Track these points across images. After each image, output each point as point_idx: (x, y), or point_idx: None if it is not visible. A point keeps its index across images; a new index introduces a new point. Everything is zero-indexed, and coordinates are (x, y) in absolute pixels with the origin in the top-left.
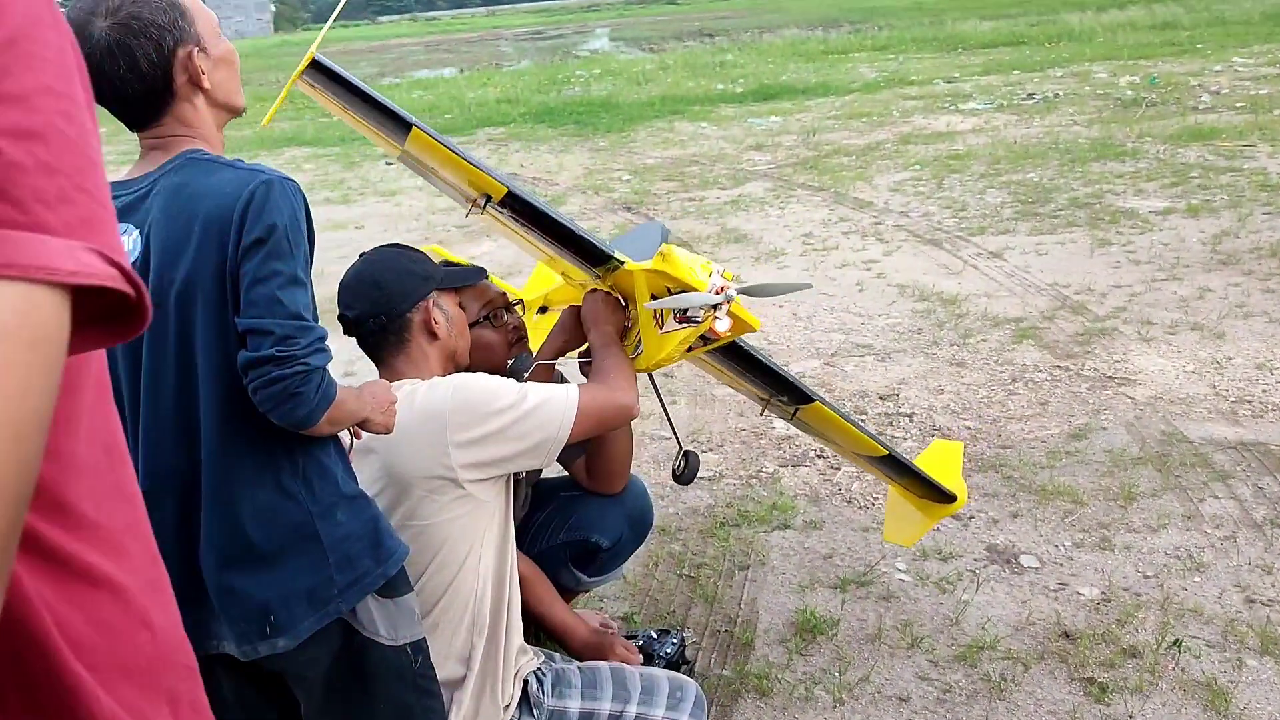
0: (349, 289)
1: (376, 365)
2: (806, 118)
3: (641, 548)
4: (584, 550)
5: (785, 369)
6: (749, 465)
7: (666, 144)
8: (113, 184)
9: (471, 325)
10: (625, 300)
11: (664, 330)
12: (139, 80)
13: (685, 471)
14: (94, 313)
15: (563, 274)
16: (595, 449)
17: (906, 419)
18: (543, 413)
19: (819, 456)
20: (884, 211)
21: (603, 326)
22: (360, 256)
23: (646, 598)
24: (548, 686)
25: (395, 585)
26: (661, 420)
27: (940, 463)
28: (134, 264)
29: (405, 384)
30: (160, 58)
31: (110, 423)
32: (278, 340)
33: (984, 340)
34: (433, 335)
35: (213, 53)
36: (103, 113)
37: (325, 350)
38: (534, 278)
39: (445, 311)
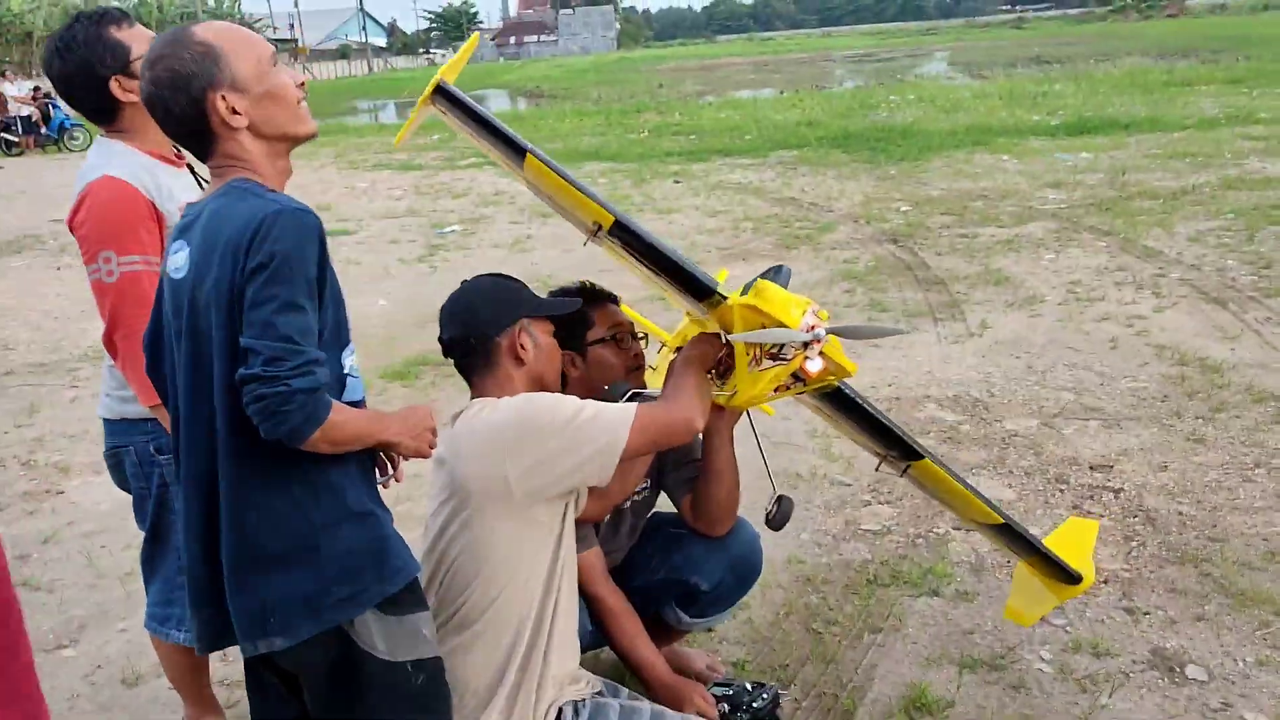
0: (446, 313)
1: (469, 386)
2: (1121, 155)
3: (780, 594)
4: (685, 590)
5: (891, 420)
6: (920, 524)
7: (958, 175)
8: (187, 205)
9: (595, 343)
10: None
11: (759, 368)
12: (178, 124)
13: (777, 516)
14: None
15: (686, 312)
16: (700, 487)
17: (1111, 494)
18: (596, 425)
19: None
20: (1172, 263)
21: (689, 353)
22: (461, 283)
23: (766, 646)
24: (583, 718)
25: (400, 602)
26: (828, 467)
27: (1071, 541)
28: (183, 278)
29: (478, 402)
30: (191, 104)
31: None
32: (266, 360)
33: (1236, 417)
34: (519, 360)
35: (253, 90)
36: None
37: (313, 373)
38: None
39: (534, 339)
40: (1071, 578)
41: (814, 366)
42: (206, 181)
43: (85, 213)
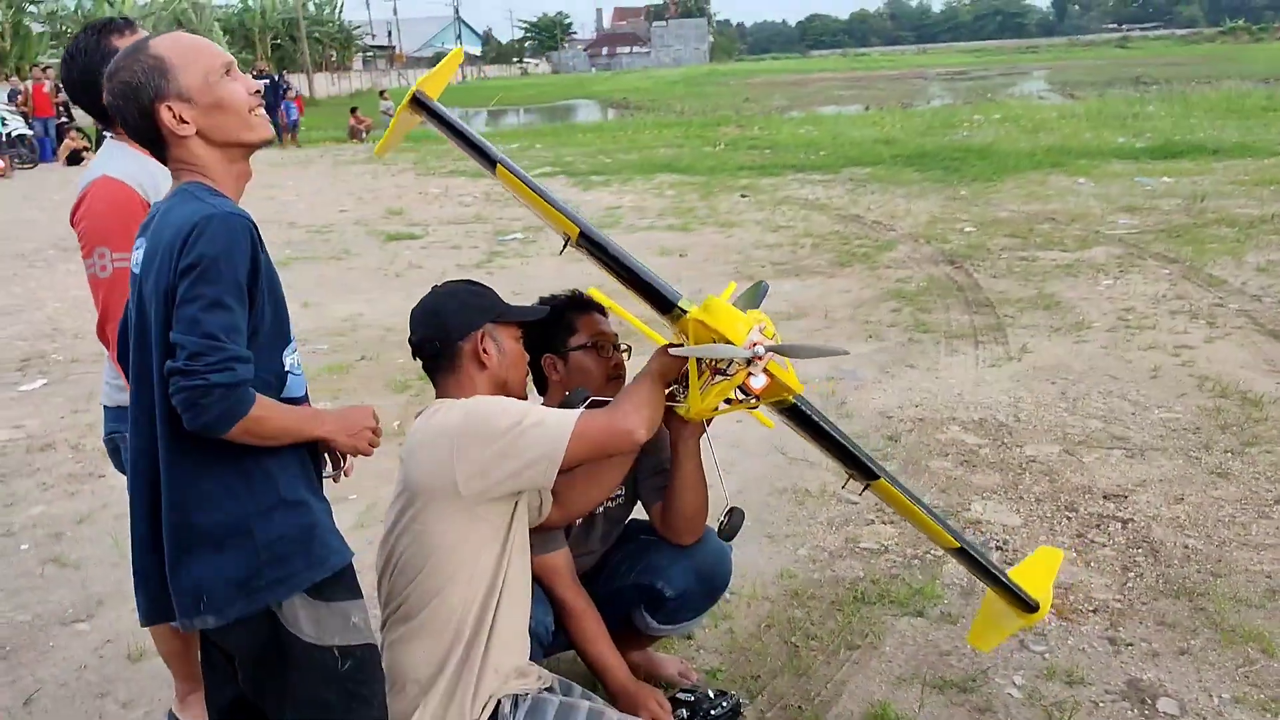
0: (414, 316)
1: (434, 387)
2: (1204, 181)
3: (766, 607)
4: (652, 595)
5: (849, 440)
6: (920, 545)
7: (1030, 197)
8: (153, 205)
9: (577, 349)
10: None
11: (710, 382)
12: (134, 132)
13: (726, 527)
14: None
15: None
16: (667, 497)
17: (1118, 524)
18: (540, 431)
19: (998, 548)
20: (1234, 293)
21: (649, 365)
22: (432, 289)
23: (742, 656)
24: (520, 713)
25: (328, 590)
26: (837, 485)
27: (1036, 569)
28: (137, 274)
29: (436, 403)
30: (142, 114)
31: None
32: (189, 355)
33: (1267, 452)
34: (481, 365)
35: (200, 101)
36: None
37: (232, 369)
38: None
39: (498, 343)
40: (1028, 606)
41: (757, 383)
42: None
43: (83, 211)
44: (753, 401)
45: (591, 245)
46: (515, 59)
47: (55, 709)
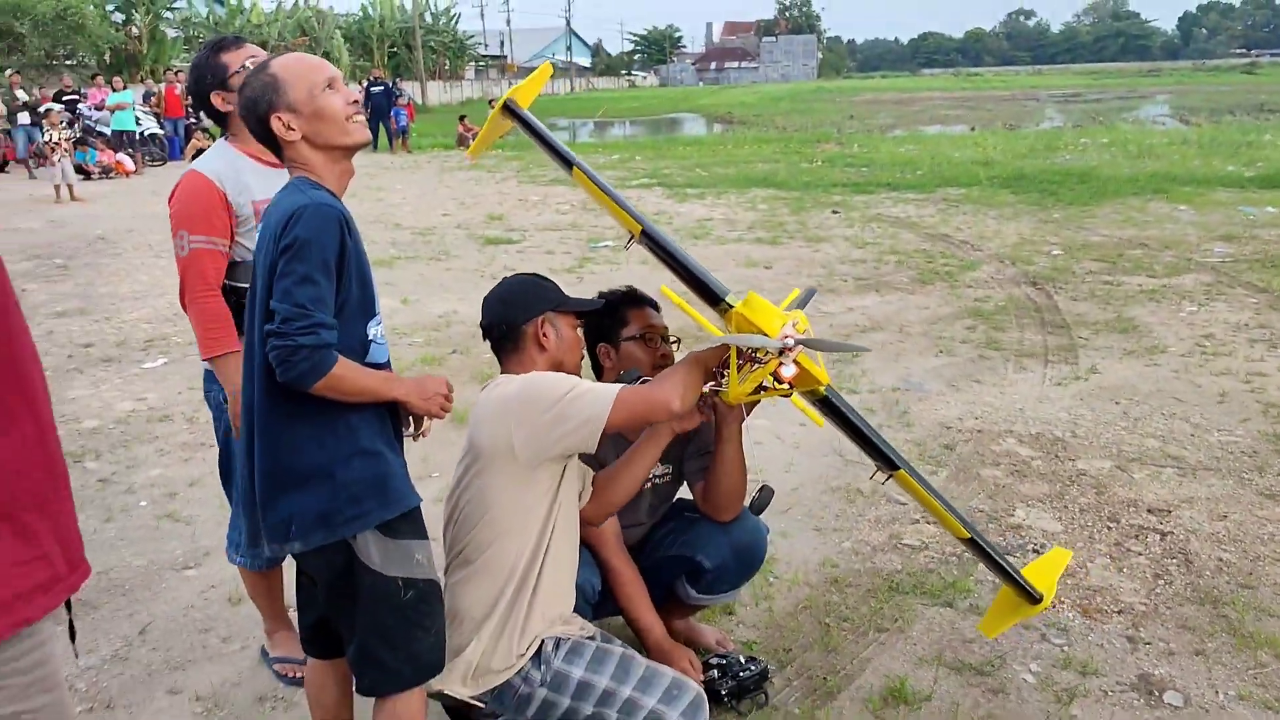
0: (486, 302)
1: (500, 365)
2: None
3: (805, 591)
4: (691, 566)
5: (874, 431)
6: (959, 544)
7: (1125, 223)
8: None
9: (627, 340)
10: None
11: (747, 370)
12: (256, 136)
13: (756, 502)
14: None
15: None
16: (708, 476)
17: (1157, 536)
18: (586, 399)
19: (1035, 551)
20: None
21: (695, 351)
22: (503, 279)
23: (777, 632)
24: (561, 653)
25: (397, 528)
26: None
27: (1045, 567)
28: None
29: (500, 378)
30: (260, 122)
31: None
32: (281, 320)
33: None
34: (541, 347)
35: (304, 111)
36: None
37: (317, 333)
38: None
39: (556, 329)
40: (1032, 597)
41: (787, 372)
42: None
43: (174, 199)
44: (785, 389)
45: (652, 243)
46: (623, 71)
47: (164, 640)
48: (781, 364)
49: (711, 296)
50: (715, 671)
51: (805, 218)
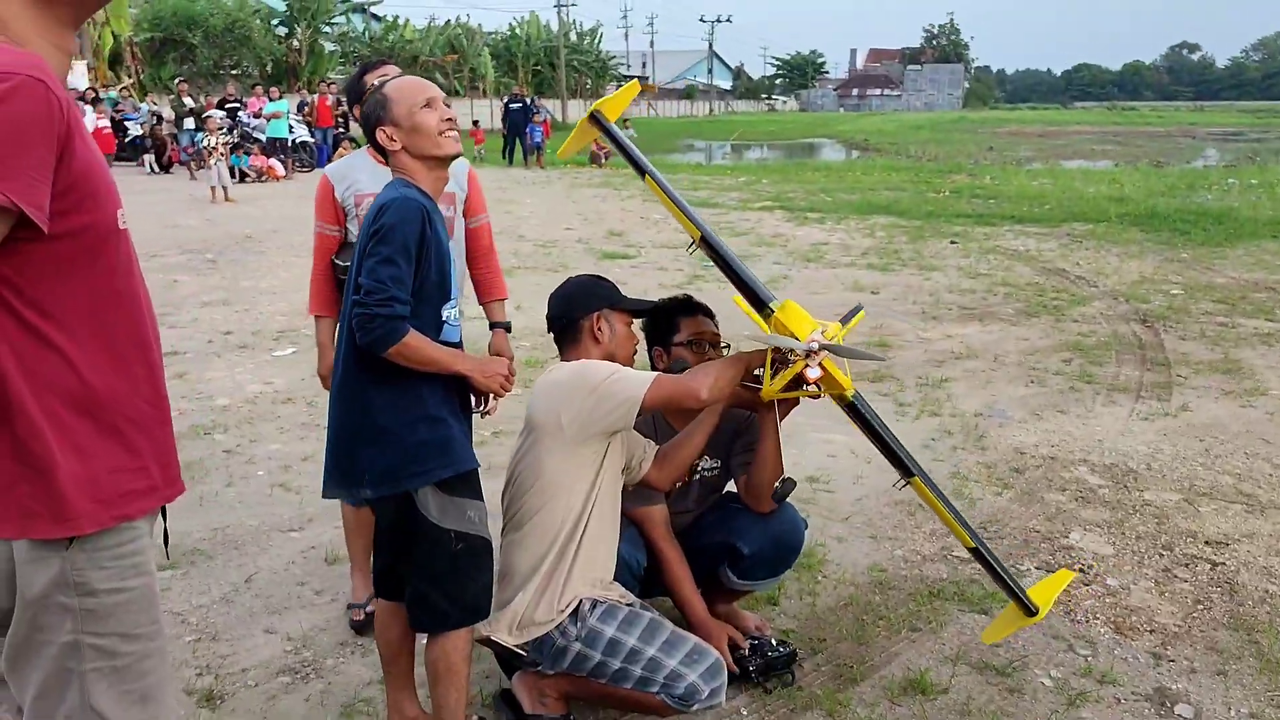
0: (550, 299)
1: (559, 354)
2: None
3: (849, 591)
4: (733, 552)
5: (895, 439)
6: (1010, 560)
7: (1256, 266)
8: None
9: (678, 345)
10: None
11: (782, 369)
12: (373, 146)
13: (779, 491)
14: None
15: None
16: (749, 470)
17: (1207, 566)
18: (625, 382)
19: (1081, 570)
20: None
21: (738, 352)
22: (567, 278)
23: (815, 624)
24: (597, 613)
25: (454, 487)
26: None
27: (1049, 585)
28: None
29: (555, 364)
30: (372, 133)
31: (110, 283)
32: (364, 292)
33: None
34: (596, 340)
35: (404, 125)
36: None
37: (391, 306)
38: None
39: (610, 325)
40: (1029, 610)
41: (812, 374)
42: None
43: None
44: (815, 390)
45: (709, 249)
46: (763, 95)
47: (266, 588)
48: (808, 366)
49: (758, 302)
50: (746, 649)
51: (921, 246)
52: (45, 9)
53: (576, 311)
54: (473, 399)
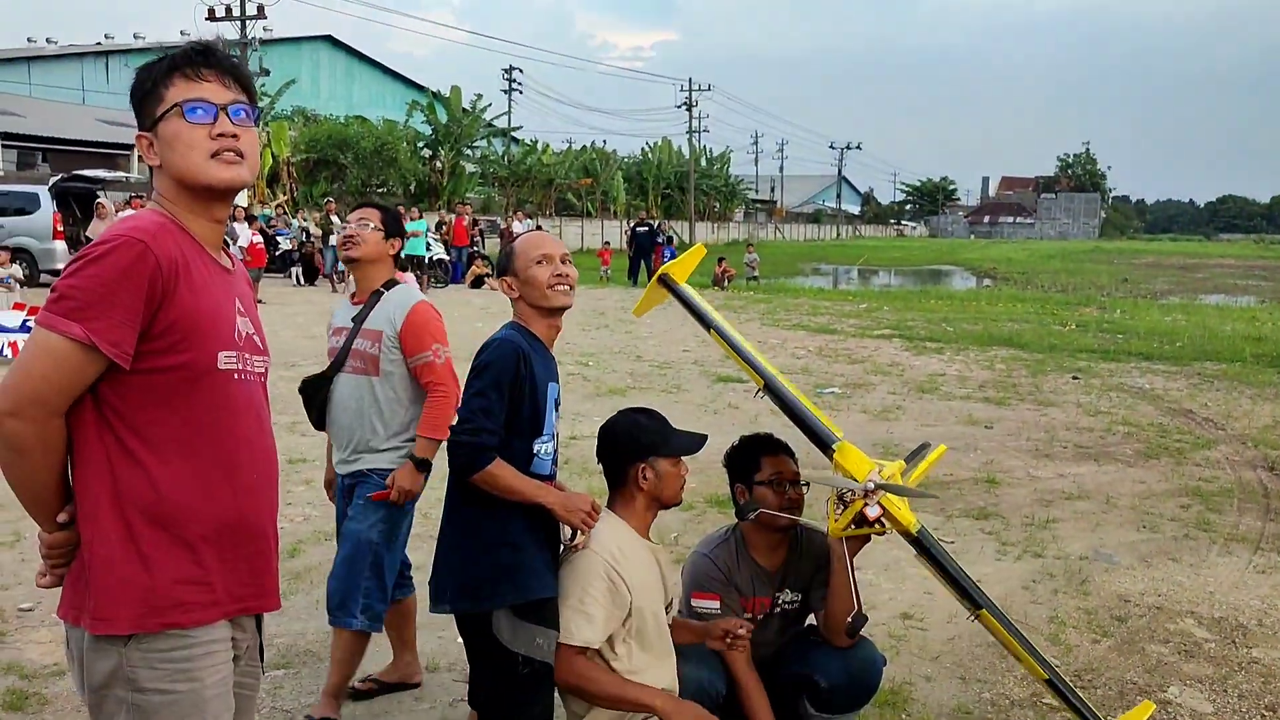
0: (600, 434)
1: (609, 493)
2: None
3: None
4: (811, 684)
5: (962, 573)
6: (1103, 709)
7: None
8: None
9: (759, 483)
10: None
11: (841, 509)
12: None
13: (850, 625)
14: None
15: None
16: (825, 603)
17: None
18: (570, 621)
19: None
20: None
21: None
22: (617, 413)
23: None
24: None
25: (527, 613)
26: (1050, 649)
27: (1130, 717)
28: None
29: (602, 517)
30: (501, 279)
31: (202, 414)
32: (457, 421)
33: None
34: (641, 488)
35: (521, 277)
36: None
37: (477, 436)
38: None
39: (656, 471)
40: None
41: (871, 512)
42: None
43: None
44: (879, 528)
45: (773, 395)
46: (893, 220)
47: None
48: (866, 505)
49: (821, 444)
50: None
51: (1041, 381)
52: (188, 194)
53: (621, 460)
54: (565, 531)
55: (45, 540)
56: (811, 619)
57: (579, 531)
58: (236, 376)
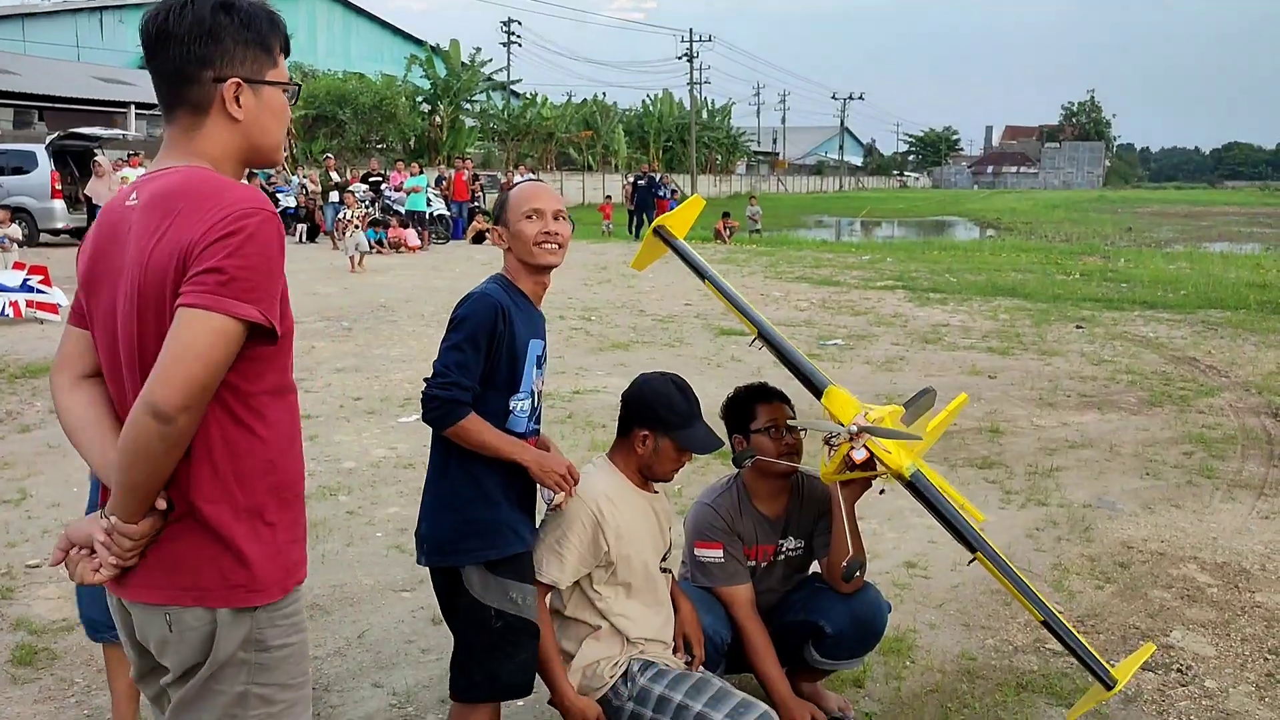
0: (630, 387)
1: (615, 438)
2: None
3: (936, 678)
4: (816, 631)
5: (956, 516)
6: (1109, 657)
7: None
8: None
9: (756, 431)
10: None
11: (831, 453)
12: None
13: (845, 569)
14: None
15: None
16: (828, 551)
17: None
18: (544, 560)
19: (1178, 671)
20: None
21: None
22: (661, 374)
23: (900, 709)
24: (648, 673)
25: (500, 568)
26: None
27: (1131, 661)
28: None
29: (589, 465)
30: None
31: (285, 381)
32: (431, 375)
33: None
34: (638, 451)
35: (510, 229)
36: None
37: (450, 390)
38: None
39: (657, 446)
40: (1106, 684)
41: (858, 455)
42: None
43: None
44: (871, 472)
45: (767, 342)
46: (895, 171)
47: (376, 645)
48: (853, 448)
49: (814, 389)
50: None
51: (1045, 330)
52: (239, 156)
53: (632, 417)
54: (545, 492)
55: (129, 530)
56: (815, 566)
57: (556, 493)
58: None
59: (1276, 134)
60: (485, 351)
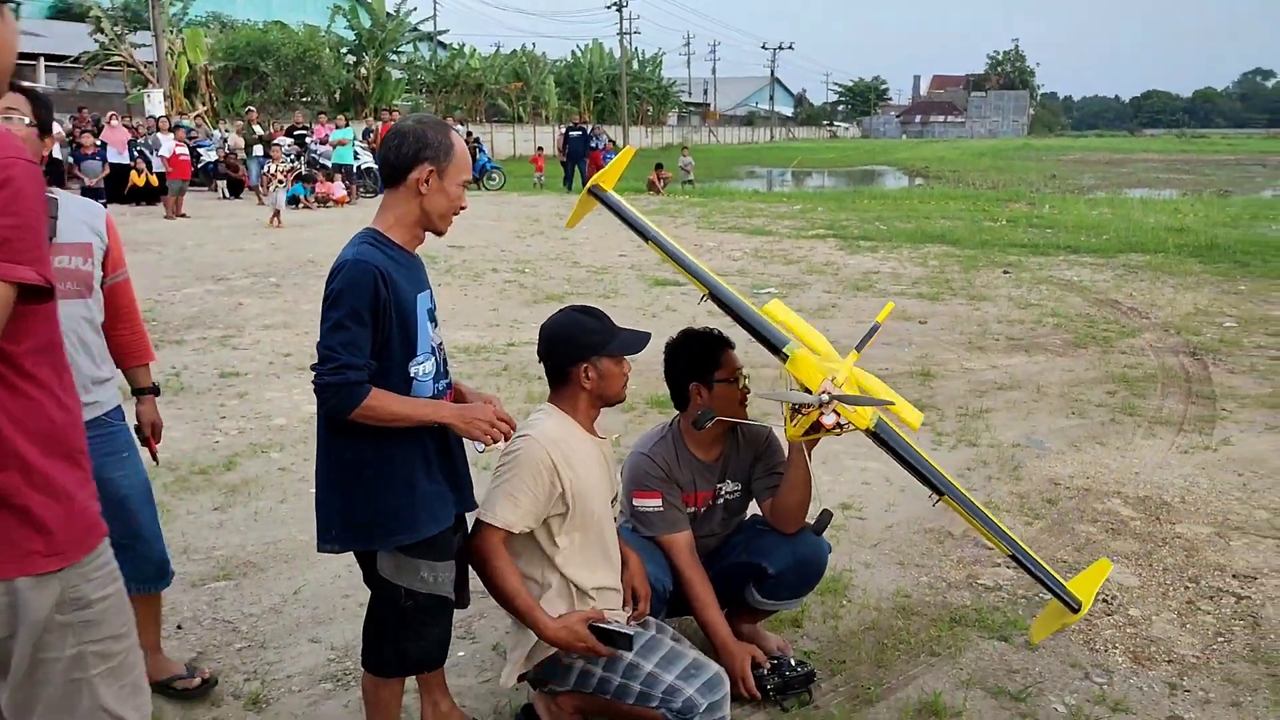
0: (541, 334)
1: (550, 391)
2: None
3: (873, 615)
4: (758, 572)
5: (920, 461)
6: (1033, 589)
7: None
8: None
9: (719, 381)
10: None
11: (800, 415)
12: None
13: (817, 523)
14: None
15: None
16: (778, 493)
17: (1231, 599)
18: (496, 500)
19: (1104, 601)
20: None
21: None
22: (558, 311)
23: (837, 646)
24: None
25: (410, 549)
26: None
27: (1088, 579)
28: None
29: (539, 409)
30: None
31: (53, 337)
32: (316, 361)
33: None
34: (583, 387)
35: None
36: None
37: (342, 374)
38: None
39: (599, 370)
40: (1072, 607)
41: (828, 420)
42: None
43: None
44: (836, 431)
45: (719, 302)
46: (825, 122)
47: (313, 600)
48: (822, 414)
49: (772, 348)
50: (766, 669)
51: (974, 276)
52: None
53: (563, 359)
54: (475, 445)
55: None
56: (754, 508)
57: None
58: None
59: (1193, 82)
60: (371, 323)
